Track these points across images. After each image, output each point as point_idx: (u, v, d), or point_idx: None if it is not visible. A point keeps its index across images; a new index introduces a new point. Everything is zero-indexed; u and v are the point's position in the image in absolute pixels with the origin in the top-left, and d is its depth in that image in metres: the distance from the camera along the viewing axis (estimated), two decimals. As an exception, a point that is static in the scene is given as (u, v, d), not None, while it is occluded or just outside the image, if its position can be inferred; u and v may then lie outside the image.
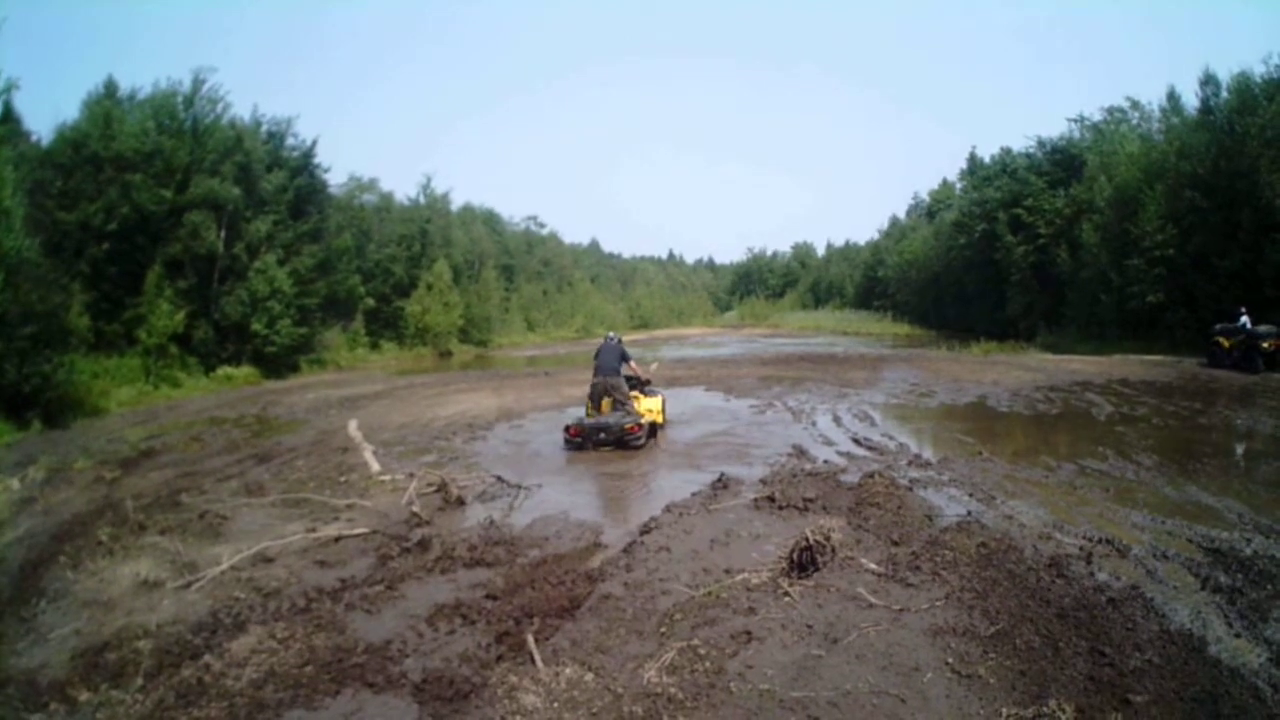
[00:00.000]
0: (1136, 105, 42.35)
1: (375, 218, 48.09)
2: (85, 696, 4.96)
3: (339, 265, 37.26)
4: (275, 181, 32.62)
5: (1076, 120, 46.55)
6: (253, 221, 30.52)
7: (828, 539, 6.30)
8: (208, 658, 5.32)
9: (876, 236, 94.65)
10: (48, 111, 77.02)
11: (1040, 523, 7.96)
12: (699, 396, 19.85)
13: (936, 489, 9.56)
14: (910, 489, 9.34)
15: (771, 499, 8.69)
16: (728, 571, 6.41)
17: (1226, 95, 30.94)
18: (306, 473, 11.87)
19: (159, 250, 27.56)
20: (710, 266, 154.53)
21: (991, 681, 4.41)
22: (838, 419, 15.62)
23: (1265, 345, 22.23)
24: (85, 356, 22.59)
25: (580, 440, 12.94)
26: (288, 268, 31.16)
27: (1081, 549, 6.93)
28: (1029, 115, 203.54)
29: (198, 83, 30.61)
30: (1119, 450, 11.95)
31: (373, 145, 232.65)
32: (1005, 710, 4.15)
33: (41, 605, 6.66)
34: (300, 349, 32.70)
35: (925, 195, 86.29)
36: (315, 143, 36.61)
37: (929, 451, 12.31)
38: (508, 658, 5.26)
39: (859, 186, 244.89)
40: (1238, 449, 13.02)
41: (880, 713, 4.18)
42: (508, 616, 6.02)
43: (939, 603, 5.45)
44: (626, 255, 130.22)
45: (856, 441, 13.22)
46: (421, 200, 54.90)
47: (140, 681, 5.10)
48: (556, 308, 73.76)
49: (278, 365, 30.77)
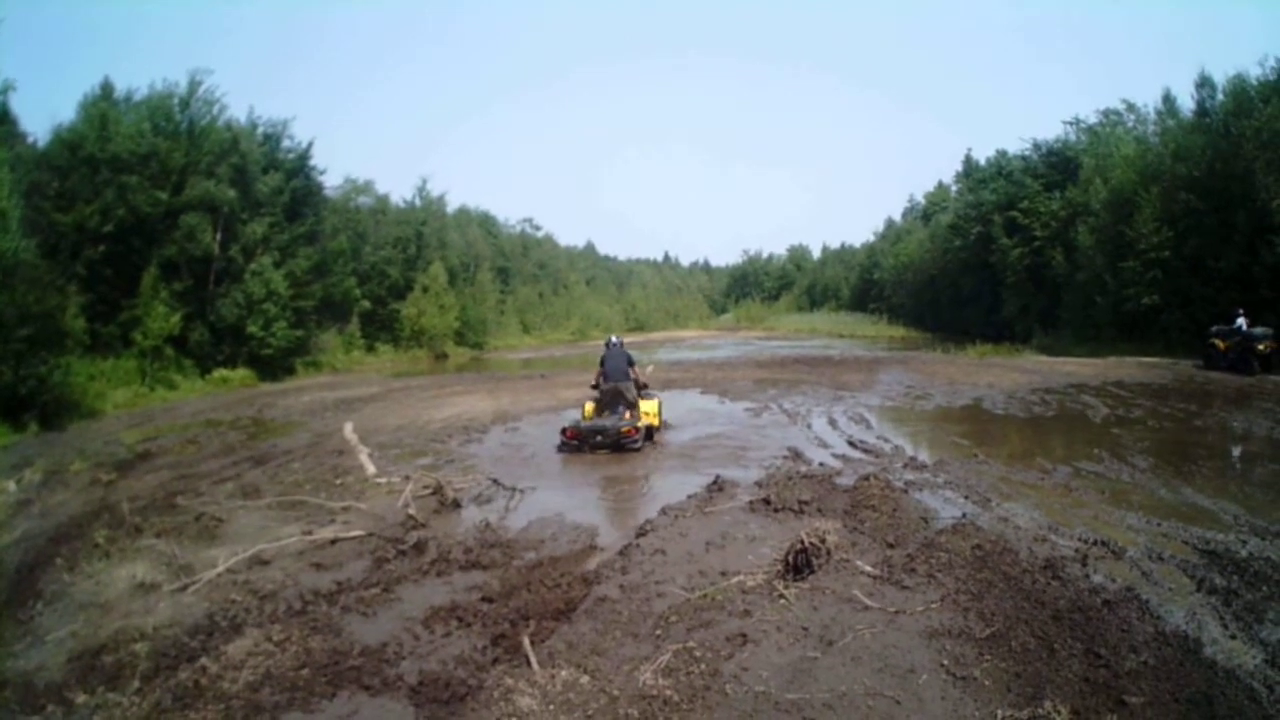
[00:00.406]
0: (1132, 108, 42.49)
1: (371, 220, 48.11)
2: (82, 699, 4.96)
3: (335, 267, 37.25)
4: (271, 183, 32.63)
5: (1072, 123, 46.77)
6: (249, 223, 30.53)
7: (823, 541, 6.29)
8: (204, 660, 5.31)
9: (872, 239, 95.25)
10: (44, 113, 76.97)
11: (1035, 525, 7.96)
12: (695, 399, 19.86)
13: (932, 491, 9.57)
14: (905, 491, 9.33)
15: (767, 501, 8.68)
16: (723, 574, 6.41)
17: (1222, 97, 31.12)
18: (302, 475, 11.85)
19: (155, 252, 27.56)
20: (706, 269, 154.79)
21: (987, 683, 4.42)
22: (833, 421, 15.63)
23: (1261, 347, 22.26)
24: (81, 358, 22.57)
25: (576, 443, 12.95)
26: (283, 270, 31.18)
27: (1077, 551, 6.94)
28: (1027, 116, 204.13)
29: (194, 84, 30.71)
30: (1114, 452, 11.97)
31: (369, 147, 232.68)
32: (1000, 712, 4.15)
33: (38, 607, 6.66)
34: (296, 351, 32.72)
35: (921, 198, 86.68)
36: (311, 145, 36.68)
37: (924, 454, 12.32)
38: (504, 660, 5.27)
39: (855, 189, 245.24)
40: (1233, 451, 13.04)
41: (875, 715, 4.18)
42: (504, 619, 6.03)
43: (934, 605, 5.46)
44: (622, 258, 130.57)
45: (852, 444, 13.23)
46: (417, 202, 55.02)
47: (137, 684, 5.10)
48: (552, 310, 73.87)
49: (273, 367, 30.77)
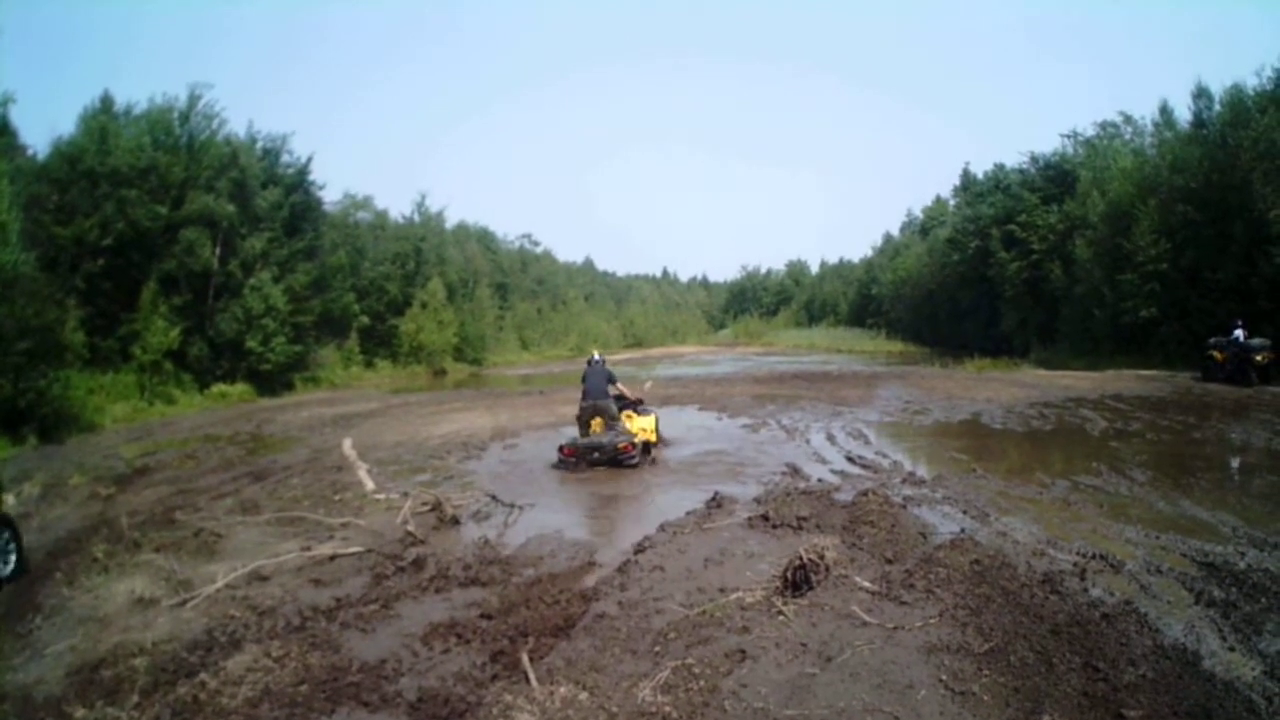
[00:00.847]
0: (1129, 119, 42.58)
1: (370, 235, 48.24)
2: (81, 713, 4.96)
3: (334, 283, 37.33)
4: (270, 198, 32.73)
5: (1069, 136, 46.88)
6: (248, 238, 30.62)
7: (822, 557, 6.30)
8: (203, 675, 5.31)
9: (870, 254, 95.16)
10: (44, 125, 77.22)
11: (1034, 539, 7.96)
12: (693, 415, 19.86)
13: (930, 506, 9.57)
14: (904, 507, 9.33)
15: (765, 518, 8.68)
16: (722, 590, 6.40)
17: (1219, 108, 31.13)
18: (301, 491, 11.86)
19: (154, 266, 27.65)
20: (704, 284, 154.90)
21: (986, 698, 4.42)
22: (831, 437, 15.63)
23: (1259, 358, 22.23)
24: (80, 372, 22.64)
25: (574, 459, 12.94)
26: (282, 285, 31.25)
27: (1075, 565, 6.94)
28: (1032, 127, 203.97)
29: (193, 99, 30.89)
30: (1113, 466, 11.97)
31: (368, 163, 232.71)
32: (999, 727, 4.16)
33: (37, 621, 6.67)
34: (295, 366, 32.77)
35: (919, 212, 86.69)
36: (310, 160, 36.85)
37: (923, 469, 12.32)
38: (502, 677, 5.26)
39: (854, 204, 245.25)
40: (1232, 463, 13.05)
41: (875, 730, 4.19)
42: (502, 635, 6.02)
43: (933, 620, 5.46)
44: (621, 273, 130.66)
45: (850, 459, 13.23)
46: (416, 218, 55.21)
47: (136, 699, 5.10)
48: (551, 326, 73.91)
49: (272, 383, 30.81)
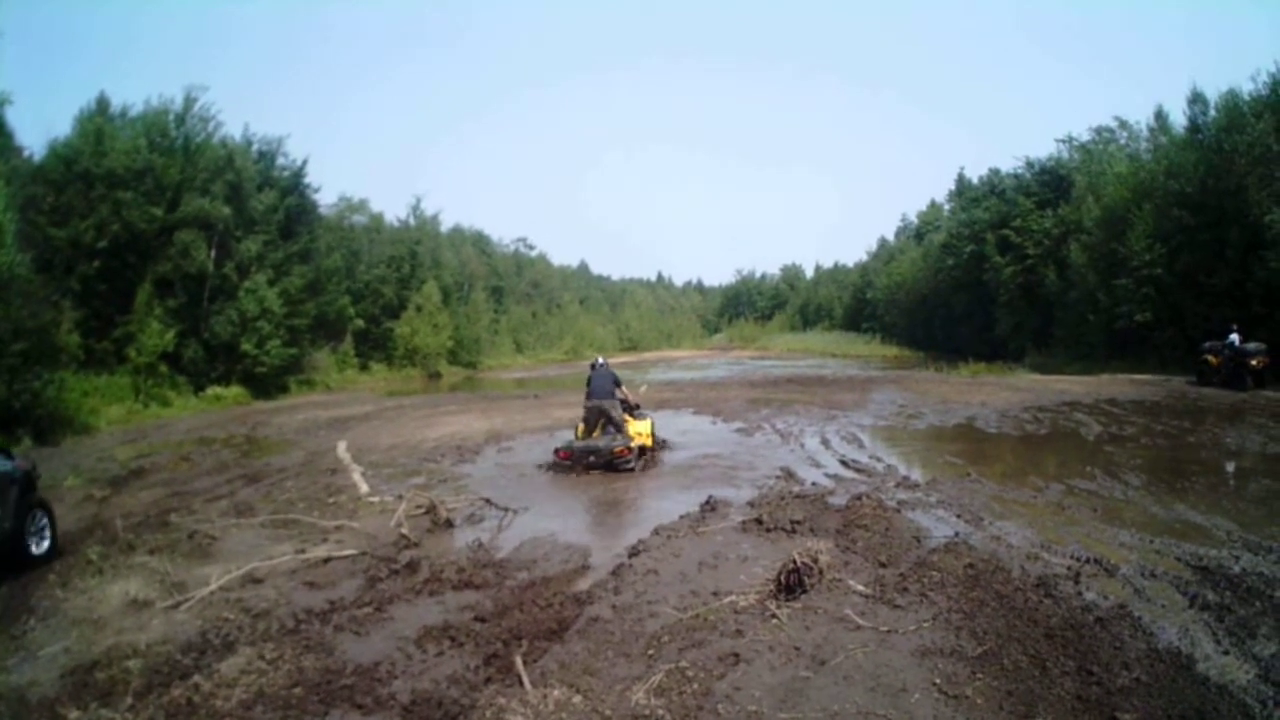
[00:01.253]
0: (1125, 124, 42.84)
1: (365, 238, 48.30)
2: (75, 715, 4.94)
3: (329, 286, 37.34)
4: (266, 201, 32.72)
5: (1065, 140, 47.06)
6: (243, 241, 30.60)
7: (815, 561, 6.30)
8: (197, 678, 5.30)
9: (865, 258, 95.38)
10: (40, 127, 77.20)
11: (1028, 543, 7.97)
12: (687, 419, 19.84)
13: (924, 510, 9.57)
14: (898, 510, 9.34)
15: (759, 521, 8.69)
16: (716, 594, 6.41)
17: (1214, 114, 31.18)
18: (295, 494, 11.84)
19: (149, 268, 27.63)
20: (699, 288, 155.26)
21: (979, 702, 4.42)
22: (826, 441, 15.63)
23: (1253, 362, 22.29)
24: (75, 374, 22.62)
25: (569, 463, 12.92)
26: (278, 288, 31.23)
27: (1069, 569, 6.95)
28: (1026, 132, 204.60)
29: (189, 101, 30.89)
30: (1107, 470, 11.99)
31: (364, 166, 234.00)
32: (992, 731, 4.17)
33: (31, 623, 6.64)
34: (290, 369, 32.75)
35: (914, 217, 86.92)
36: (306, 163, 36.97)
37: (917, 473, 12.32)
38: (496, 680, 5.25)
39: (848, 208, 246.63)
40: (1226, 467, 13.06)
41: (868, 734, 4.19)
42: (496, 639, 6.01)
43: (926, 624, 5.47)
44: (615, 277, 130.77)
45: (844, 463, 13.23)
46: (411, 221, 55.31)
47: (129, 701, 5.08)
48: (545, 330, 73.99)
49: (267, 385, 30.77)
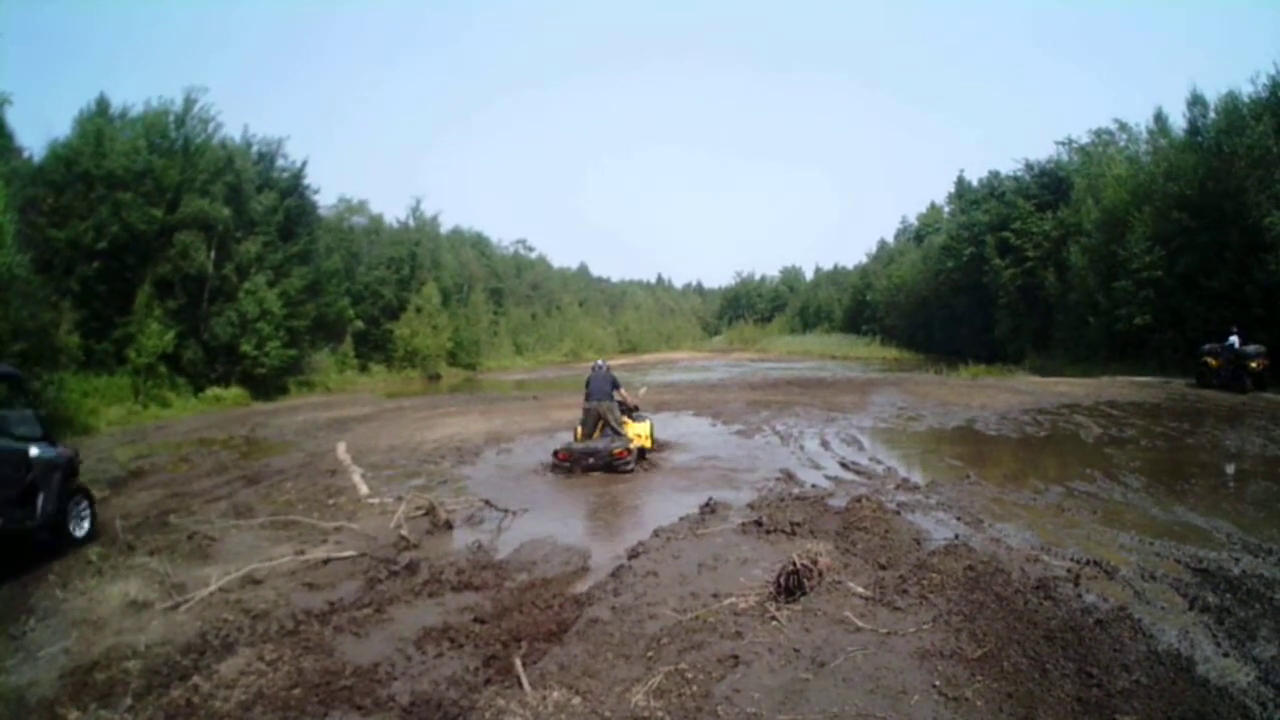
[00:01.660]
0: (1124, 127, 42.76)
1: (365, 240, 48.29)
2: (74, 716, 4.95)
3: (328, 287, 37.35)
4: (265, 202, 32.74)
5: (1064, 143, 47.03)
6: (243, 242, 30.61)
7: (815, 563, 6.29)
8: (196, 679, 5.30)
9: (865, 260, 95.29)
10: (40, 127, 77.32)
11: (1028, 545, 7.98)
12: (687, 421, 19.85)
13: (924, 512, 9.58)
14: (898, 513, 9.34)
15: (759, 523, 8.68)
16: (715, 596, 6.40)
17: (1214, 116, 31.20)
18: (295, 495, 11.84)
19: (149, 269, 27.62)
20: (699, 290, 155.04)
21: (979, 704, 4.41)
22: (825, 443, 15.64)
23: (1253, 364, 22.31)
24: (75, 375, 22.60)
25: (569, 465, 12.93)
26: (277, 289, 31.25)
27: (1069, 571, 6.95)
28: (1026, 134, 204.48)
29: (189, 102, 30.86)
30: (1107, 472, 12.00)
31: (364, 168, 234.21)
32: (992, 733, 4.17)
33: (31, 624, 6.64)
34: (289, 371, 32.77)
35: (914, 219, 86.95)
36: (305, 164, 36.97)
37: (917, 475, 12.33)
38: (495, 681, 5.25)
39: (849, 210, 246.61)
40: (1226, 469, 13.06)
41: (868, 736, 4.18)
42: (495, 640, 6.01)
43: (926, 626, 5.46)
44: (615, 279, 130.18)
45: (844, 466, 13.23)
46: (411, 223, 55.22)
47: (129, 701, 5.08)
48: (545, 331, 73.89)
49: (267, 387, 30.78)
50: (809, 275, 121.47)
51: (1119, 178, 36.14)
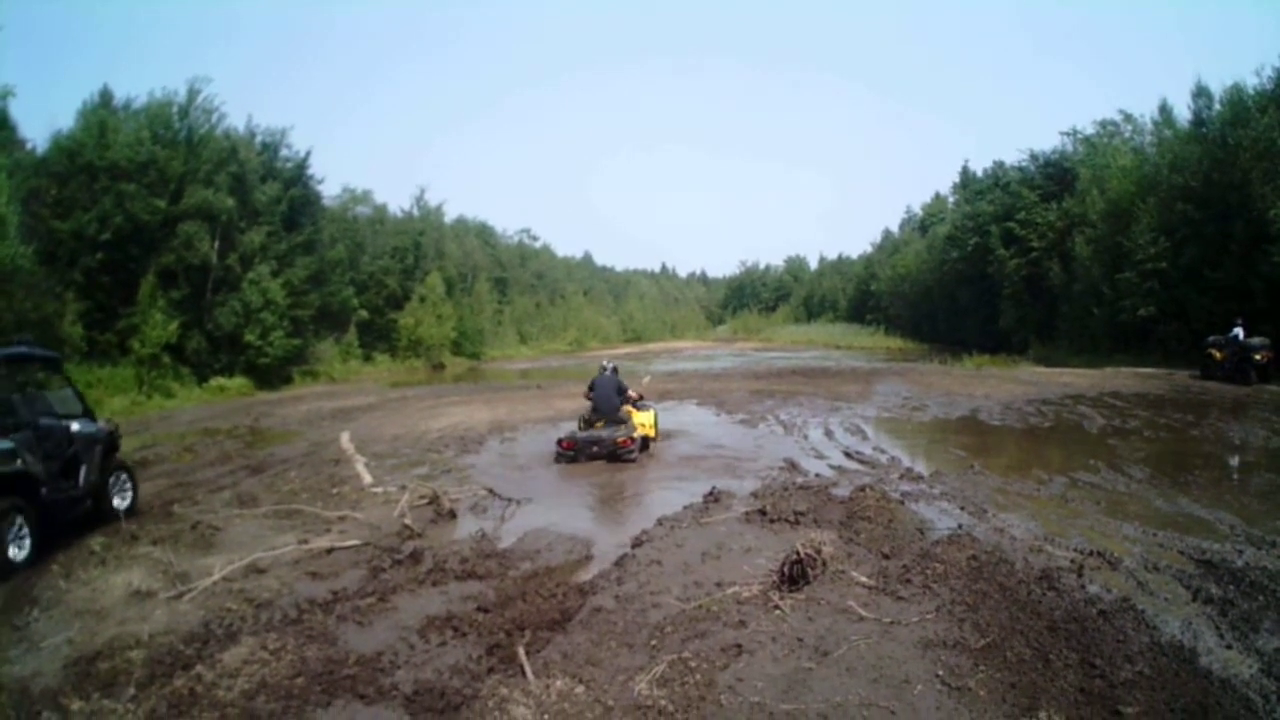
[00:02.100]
0: (1129, 118, 42.48)
1: (369, 229, 48.18)
2: (77, 705, 4.95)
3: (332, 277, 37.34)
4: (269, 192, 32.71)
5: (1069, 134, 46.77)
6: (246, 232, 30.59)
7: (819, 552, 6.29)
8: (200, 668, 5.31)
9: (869, 250, 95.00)
10: (43, 119, 77.29)
11: (1031, 535, 7.97)
12: (691, 410, 19.84)
13: (928, 502, 9.57)
14: (901, 502, 9.34)
15: (763, 512, 8.68)
16: (719, 585, 6.40)
17: (1219, 107, 31.09)
18: (299, 484, 11.86)
19: (153, 260, 27.62)
20: (703, 280, 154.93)
21: (982, 694, 4.41)
22: (829, 432, 15.63)
23: (1258, 357, 22.23)
24: (79, 365, 22.57)
25: (573, 453, 12.94)
26: (281, 279, 31.23)
27: (1073, 561, 6.94)
28: (1031, 125, 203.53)
29: (192, 93, 30.83)
30: (1111, 463, 11.99)
31: (367, 157, 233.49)
32: (995, 722, 4.16)
33: (34, 614, 6.63)
34: (293, 360, 32.76)
35: (918, 209, 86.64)
36: (309, 154, 36.88)
37: (921, 465, 12.33)
38: (499, 670, 5.26)
39: (853, 200, 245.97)
40: (1230, 461, 13.05)
41: (871, 725, 4.18)
42: (499, 629, 6.02)
43: (929, 615, 5.45)
44: (619, 268, 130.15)
45: (848, 455, 13.23)
46: (415, 212, 55.17)
47: (132, 691, 5.09)
48: (549, 321, 73.85)
49: (270, 376, 30.80)
50: (813, 265, 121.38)
51: (1124, 169, 36.00)
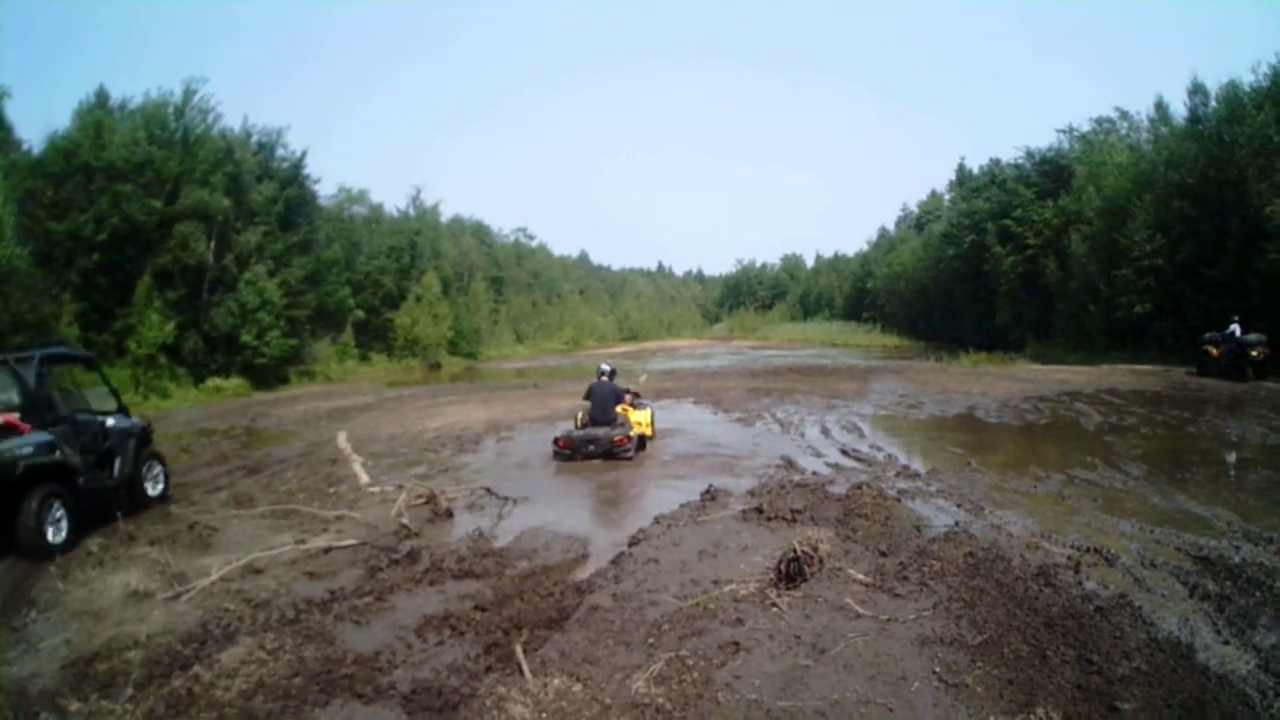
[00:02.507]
0: (1125, 115, 42.56)
1: (365, 229, 48.16)
2: (75, 706, 4.94)
3: (328, 277, 37.31)
4: (265, 193, 32.68)
5: (1065, 131, 46.81)
6: (242, 233, 30.57)
7: (815, 550, 6.29)
8: (197, 668, 5.30)
9: (866, 248, 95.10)
10: (39, 120, 77.24)
11: (1028, 532, 7.98)
12: (688, 409, 19.84)
13: (925, 500, 9.58)
14: (898, 500, 9.35)
15: (760, 510, 8.68)
16: (716, 583, 6.40)
17: (1215, 105, 31.10)
18: (296, 484, 11.85)
19: (149, 261, 27.61)
20: (699, 278, 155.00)
21: (979, 691, 4.42)
22: (826, 430, 15.64)
23: (1254, 353, 22.25)
24: (75, 367, 22.51)
25: (569, 452, 12.94)
26: (277, 279, 31.22)
27: (1069, 558, 6.95)
28: (1027, 123, 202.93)
29: (189, 93, 30.83)
30: (1107, 460, 12.00)
31: (363, 156, 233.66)
32: (993, 719, 4.17)
33: (32, 615, 6.63)
34: (290, 360, 32.73)
35: (914, 207, 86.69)
36: (305, 154, 36.89)
37: (917, 462, 12.33)
38: (496, 669, 5.26)
39: (849, 198, 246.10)
40: (1227, 457, 13.07)
41: (868, 722, 4.19)
42: (496, 628, 6.02)
43: (926, 612, 5.46)
44: (616, 267, 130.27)
45: (845, 453, 13.24)
46: (411, 212, 55.18)
47: (130, 692, 5.08)
48: (545, 320, 73.83)
49: (267, 376, 30.78)
50: (810, 263, 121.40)
51: (1120, 166, 36.00)
